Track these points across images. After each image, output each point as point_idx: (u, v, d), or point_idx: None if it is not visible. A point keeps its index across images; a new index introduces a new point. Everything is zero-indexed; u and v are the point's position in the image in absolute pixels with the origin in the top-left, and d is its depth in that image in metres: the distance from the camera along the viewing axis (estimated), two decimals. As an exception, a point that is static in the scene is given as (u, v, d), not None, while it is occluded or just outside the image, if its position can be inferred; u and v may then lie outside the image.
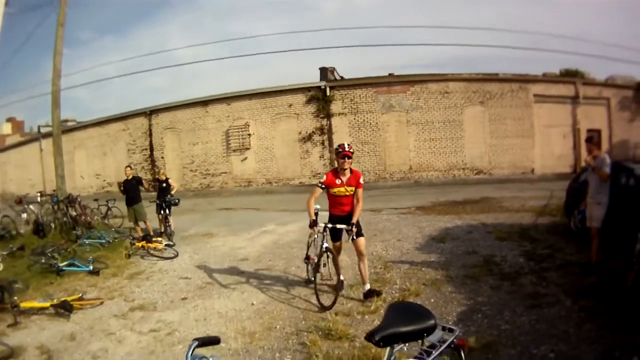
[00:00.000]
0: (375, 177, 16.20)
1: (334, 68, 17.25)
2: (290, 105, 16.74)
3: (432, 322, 1.73)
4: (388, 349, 1.75)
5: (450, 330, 1.91)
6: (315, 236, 4.55)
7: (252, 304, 4.48)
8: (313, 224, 4.33)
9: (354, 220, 4.30)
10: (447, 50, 51.85)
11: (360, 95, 16.31)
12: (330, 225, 4.42)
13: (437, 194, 12.78)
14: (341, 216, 4.47)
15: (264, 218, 10.10)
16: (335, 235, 4.55)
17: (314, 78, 16.97)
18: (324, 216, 4.65)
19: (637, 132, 17.92)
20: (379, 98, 16.23)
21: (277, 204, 12.87)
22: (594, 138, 5.29)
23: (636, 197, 5.49)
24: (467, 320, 3.76)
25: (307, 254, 5.08)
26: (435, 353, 1.75)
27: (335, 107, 16.38)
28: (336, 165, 4.53)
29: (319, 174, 16.57)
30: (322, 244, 4.41)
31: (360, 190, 4.46)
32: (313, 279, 4.61)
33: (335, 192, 4.41)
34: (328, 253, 4.49)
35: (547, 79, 17.06)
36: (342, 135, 16.32)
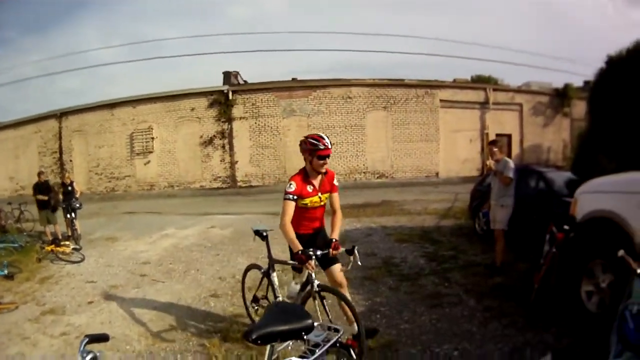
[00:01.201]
0: (275, 180, 15.81)
1: (237, 72, 16.97)
2: (192, 109, 16.44)
3: (309, 321, 1.75)
4: (268, 347, 1.80)
5: (336, 330, 1.94)
6: (310, 273, 2.94)
7: (154, 307, 4.51)
8: (305, 257, 2.82)
9: (336, 236, 3.09)
10: (354, 56, 52.49)
11: (262, 100, 16.02)
12: (319, 253, 2.94)
13: None
14: (310, 235, 3.22)
15: (165, 222, 9.98)
16: (324, 263, 3.17)
17: (219, 82, 16.66)
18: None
19: (551, 137, 17.61)
20: (280, 103, 15.93)
21: (178, 208, 12.74)
22: (497, 142, 5.19)
23: (545, 200, 5.65)
24: (365, 321, 3.69)
25: (254, 294, 3.79)
26: (318, 352, 1.80)
27: (236, 111, 16.07)
28: (308, 165, 3.12)
29: (220, 177, 16.26)
30: (313, 282, 2.94)
31: (336, 195, 3.26)
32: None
33: (306, 204, 3.12)
34: (322, 294, 2.98)
35: (455, 84, 16.77)
36: (242, 139, 16.07)
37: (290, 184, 3.08)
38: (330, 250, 2.98)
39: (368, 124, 15.80)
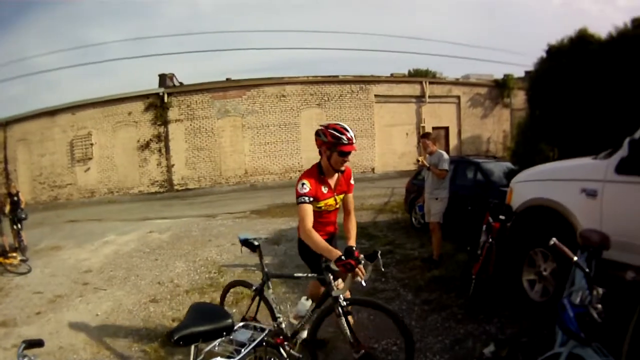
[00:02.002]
0: (211, 182, 15.83)
1: (173, 74, 17.00)
2: (129, 113, 16.45)
3: (229, 321, 1.80)
4: (193, 348, 1.78)
5: (262, 330, 1.97)
6: (333, 287, 2.52)
7: (97, 315, 4.59)
8: (355, 262, 2.27)
9: (353, 242, 2.68)
10: (290, 55, 52.38)
11: (197, 101, 16.03)
12: (364, 260, 2.40)
13: (273, 197, 12.70)
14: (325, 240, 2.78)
15: (106, 228, 10.07)
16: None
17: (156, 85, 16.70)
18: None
19: (491, 128, 17.61)
20: (214, 103, 15.95)
21: (118, 214, 12.79)
22: (430, 134, 5.16)
23: (482, 190, 5.69)
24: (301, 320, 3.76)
25: (242, 317, 3.12)
26: (244, 351, 1.83)
27: (172, 113, 16.08)
28: (325, 161, 2.62)
29: (157, 181, 16.24)
30: (338, 296, 2.50)
31: (351, 195, 2.83)
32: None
33: (320, 207, 2.67)
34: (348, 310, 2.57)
35: (390, 79, 16.78)
36: (178, 142, 16.07)
37: (303, 184, 2.55)
38: (378, 256, 2.46)
39: (302, 122, 15.80)
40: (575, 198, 2.94)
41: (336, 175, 2.68)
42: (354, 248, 2.45)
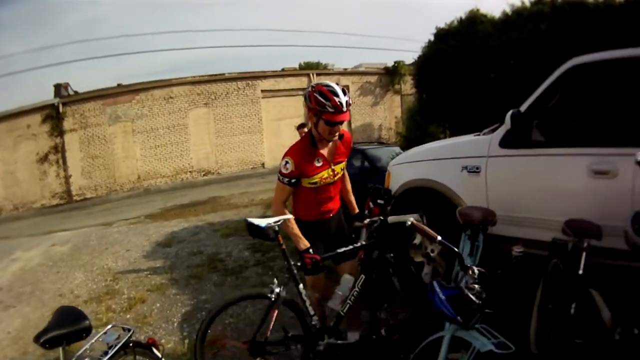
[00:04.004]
0: (107, 190, 16.24)
1: (67, 83, 17.34)
2: (28, 126, 16.78)
3: (86, 322, 1.89)
4: (60, 350, 1.84)
5: (128, 330, 2.02)
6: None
7: (9, 332, 4.68)
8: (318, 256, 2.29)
9: (356, 209, 2.61)
10: (181, 55, 52.15)
11: (89, 109, 16.40)
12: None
13: (165, 200, 13.06)
14: (331, 221, 2.54)
15: (13, 245, 10.10)
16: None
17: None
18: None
19: (382, 115, 17.90)
20: (106, 110, 16.33)
21: (24, 229, 12.98)
22: (306, 124, 5.39)
23: (367, 177, 5.81)
24: (191, 319, 3.88)
25: (264, 338, 2.50)
26: (110, 352, 1.89)
27: (67, 123, 16.42)
28: (313, 129, 2.28)
29: (57, 193, 16.67)
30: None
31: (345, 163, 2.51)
32: None
33: (315, 183, 2.32)
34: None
35: (276, 73, 17.10)
36: (74, 152, 16.41)
37: (287, 162, 2.22)
38: (423, 219, 2.23)
39: (190, 123, 16.19)
40: (456, 176, 2.89)
41: (331, 143, 2.30)
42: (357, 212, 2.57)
